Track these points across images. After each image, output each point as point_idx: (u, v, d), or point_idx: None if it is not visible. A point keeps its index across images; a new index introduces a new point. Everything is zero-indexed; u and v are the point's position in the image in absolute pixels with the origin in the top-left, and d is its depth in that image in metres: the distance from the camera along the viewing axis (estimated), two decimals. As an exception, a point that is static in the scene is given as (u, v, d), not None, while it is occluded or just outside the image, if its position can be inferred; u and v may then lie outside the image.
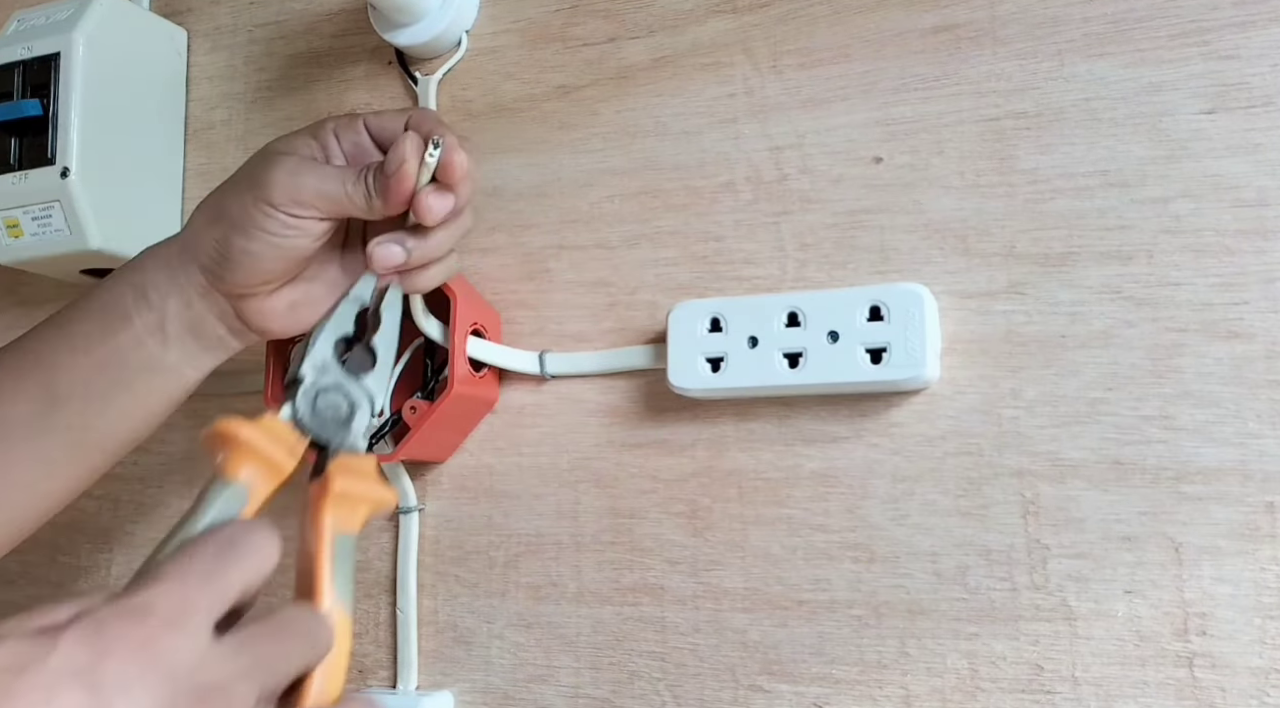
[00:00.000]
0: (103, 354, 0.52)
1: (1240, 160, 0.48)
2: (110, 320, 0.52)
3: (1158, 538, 0.48)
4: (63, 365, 0.52)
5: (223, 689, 0.32)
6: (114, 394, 0.52)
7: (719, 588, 0.55)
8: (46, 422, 0.52)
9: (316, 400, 0.43)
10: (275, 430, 0.40)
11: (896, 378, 0.51)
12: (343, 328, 0.44)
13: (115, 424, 0.53)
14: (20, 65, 0.66)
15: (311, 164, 0.50)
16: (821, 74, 0.57)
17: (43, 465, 0.52)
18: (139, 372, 0.52)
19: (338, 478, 0.41)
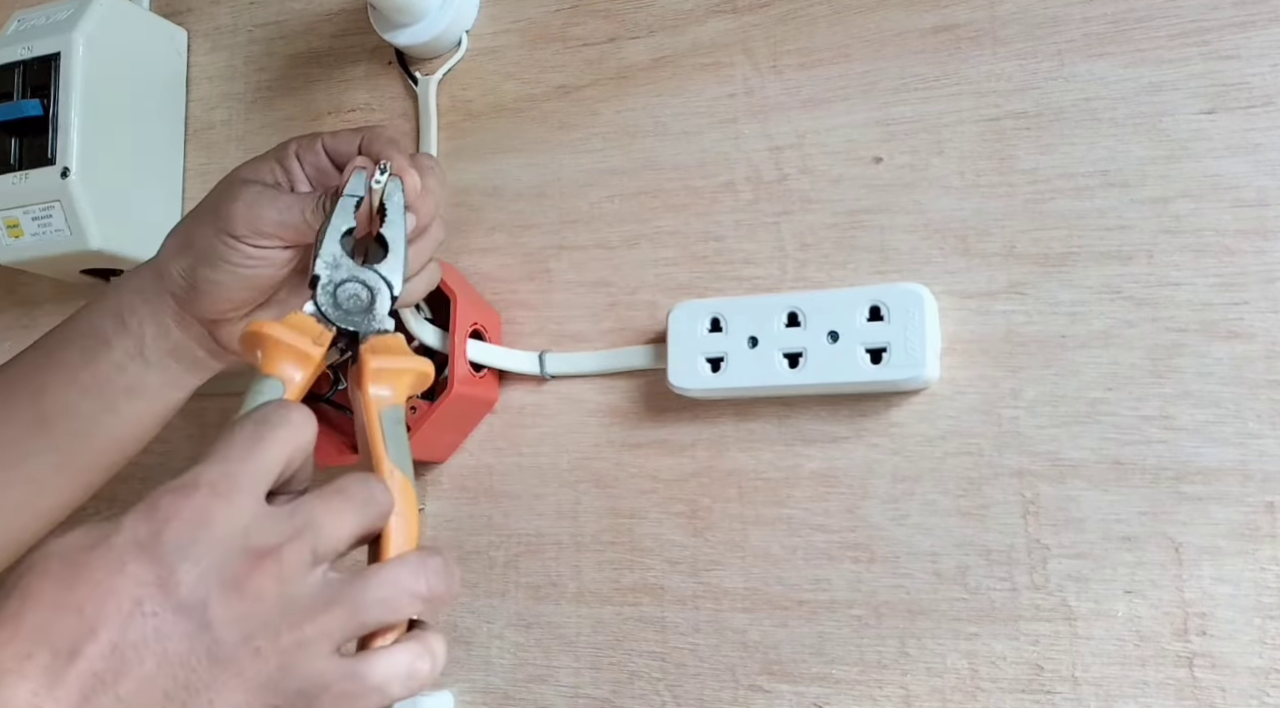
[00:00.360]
0: (86, 379, 0.52)
1: (1240, 160, 0.48)
2: (92, 346, 0.52)
3: (1158, 538, 0.48)
4: (49, 390, 0.53)
5: (275, 551, 0.34)
6: (100, 417, 0.53)
7: (719, 588, 0.55)
8: (35, 444, 0.53)
9: (336, 293, 0.44)
10: (301, 324, 0.42)
11: (896, 378, 0.51)
12: (345, 223, 0.46)
13: (103, 445, 0.54)
14: (20, 65, 0.66)
15: (271, 194, 0.50)
16: (821, 74, 0.57)
17: (33, 486, 0.54)
18: (122, 395, 0.53)
19: (370, 358, 0.43)
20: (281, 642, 0.34)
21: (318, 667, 0.34)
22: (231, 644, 0.33)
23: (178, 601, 0.32)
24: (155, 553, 0.33)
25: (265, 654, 0.33)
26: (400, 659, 0.36)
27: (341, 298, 0.44)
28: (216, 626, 0.33)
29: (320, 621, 0.35)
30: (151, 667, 0.32)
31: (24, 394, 0.53)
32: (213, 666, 0.33)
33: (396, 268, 0.46)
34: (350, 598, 0.35)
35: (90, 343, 0.52)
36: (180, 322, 0.52)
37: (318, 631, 0.34)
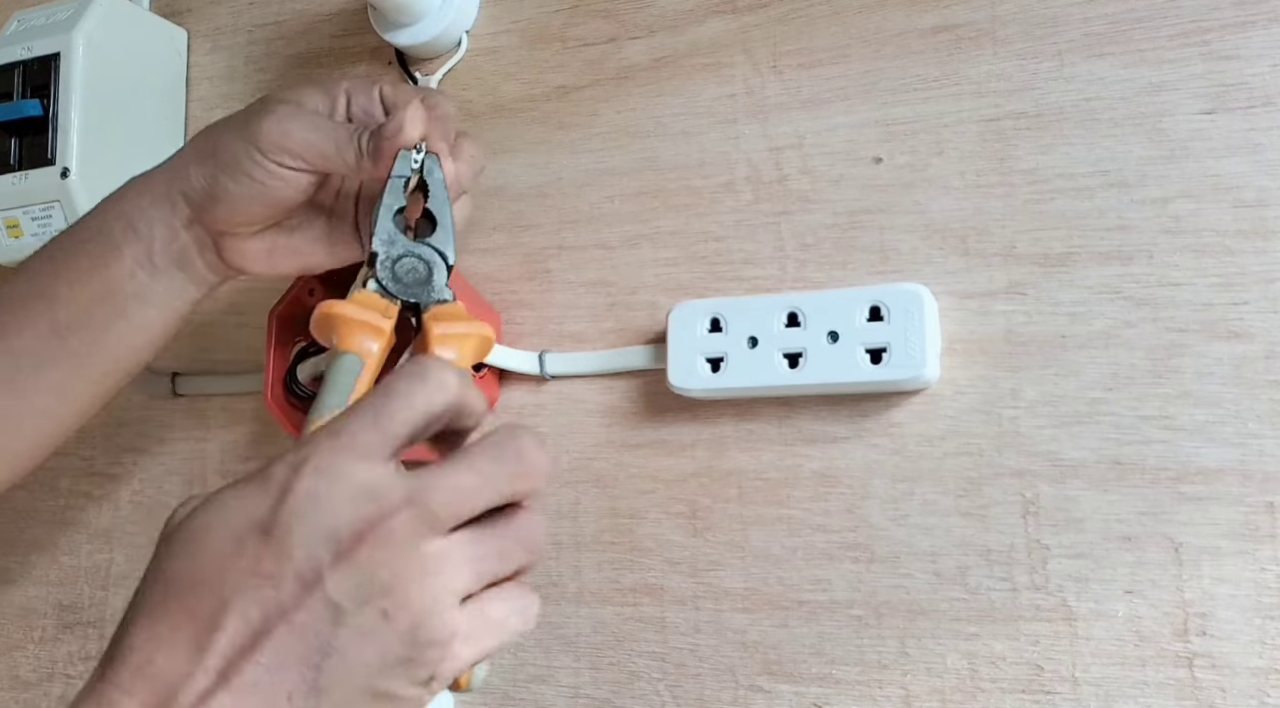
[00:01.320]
0: (98, 286, 0.52)
1: (1240, 160, 0.48)
2: (102, 252, 0.52)
3: (1158, 538, 0.48)
4: (62, 298, 0.53)
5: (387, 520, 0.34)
6: (113, 323, 0.53)
7: (719, 588, 0.55)
8: (54, 351, 0.53)
9: (395, 268, 0.46)
10: (367, 301, 0.44)
11: (896, 378, 0.51)
12: (396, 202, 0.47)
13: (119, 351, 0.54)
14: (20, 65, 0.66)
15: (307, 115, 0.50)
16: (821, 74, 0.57)
17: (55, 393, 0.54)
18: (133, 301, 0.53)
19: (434, 324, 0.44)
20: (409, 603, 0.34)
21: (447, 618, 0.35)
22: (354, 611, 0.34)
23: (297, 573, 0.33)
24: (270, 530, 0.34)
25: (393, 616, 0.34)
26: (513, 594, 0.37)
27: (400, 272, 0.46)
28: (335, 595, 0.34)
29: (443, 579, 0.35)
30: (282, 633, 0.33)
31: (39, 302, 0.53)
32: (340, 630, 0.34)
33: (447, 240, 0.48)
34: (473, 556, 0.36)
35: (100, 249, 0.52)
36: (189, 227, 0.52)
37: (442, 588, 0.35)
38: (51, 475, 0.75)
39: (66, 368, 0.53)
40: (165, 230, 0.52)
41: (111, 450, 0.73)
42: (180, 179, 0.52)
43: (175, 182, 0.52)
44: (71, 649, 0.72)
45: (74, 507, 0.73)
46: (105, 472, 0.73)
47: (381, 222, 0.46)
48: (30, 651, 0.73)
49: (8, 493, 0.76)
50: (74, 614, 0.72)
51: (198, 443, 0.70)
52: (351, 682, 0.34)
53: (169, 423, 0.71)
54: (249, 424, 0.69)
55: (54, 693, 0.72)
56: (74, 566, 0.73)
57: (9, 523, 0.76)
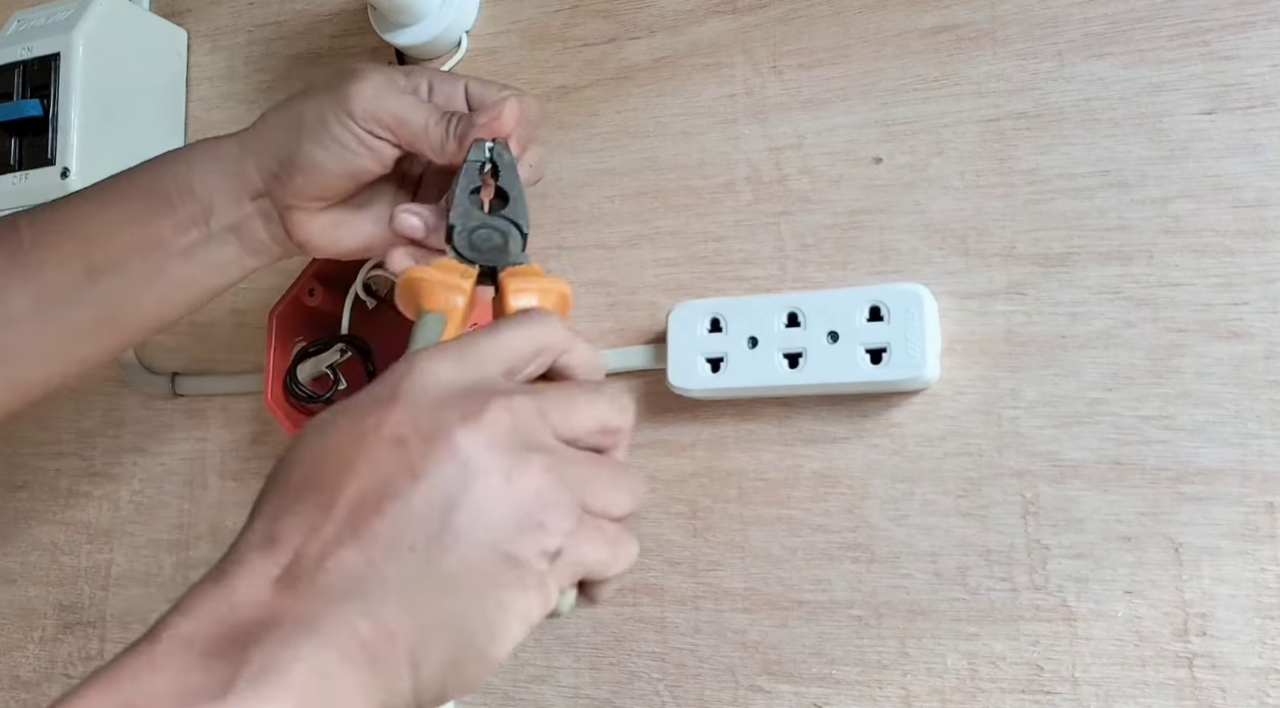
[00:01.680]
0: (142, 236, 0.52)
1: (1240, 160, 0.48)
2: (152, 203, 0.52)
3: (1158, 538, 0.48)
4: (99, 239, 0.52)
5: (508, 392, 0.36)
6: (153, 278, 0.52)
7: (719, 588, 0.55)
8: (82, 294, 0.52)
9: (471, 237, 0.48)
10: (446, 267, 0.46)
11: (896, 378, 0.51)
12: (472, 183, 0.49)
13: (148, 307, 0.53)
14: (20, 65, 0.66)
15: (398, 89, 0.51)
16: (821, 74, 0.57)
17: (71, 334, 0.53)
18: (177, 257, 0.52)
19: (510, 280, 0.46)
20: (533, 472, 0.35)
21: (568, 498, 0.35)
22: (481, 467, 0.34)
23: (422, 432, 0.34)
24: (396, 397, 0.35)
25: (515, 478, 0.34)
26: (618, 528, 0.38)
27: (477, 241, 0.47)
28: (463, 450, 0.34)
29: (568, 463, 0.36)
30: (406, 488, 0.33)
31: (73, 240, 0.52)
32: (465, 486, 0.34)
33: (520, 211, 0.49)
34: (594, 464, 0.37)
35: (150, 200, 0.52)
36: (256, 197, 0.52)
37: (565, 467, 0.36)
38: (51, 476, 0.75)
39: (90, 313, 0.52)
40: (227, 199, 0.52)
41: (111, 450, 0.73)
42: (256, 150, 0.51)
43: (249, 152, 0.52)
44: (71, 649, 0.72)
45: (74, 507, 0.73)
46: (105, 472, 0.73)
47: (459, 199, 0.48)
48: (30, 651, 0.73)
49: (8, 493, 0.76)
50: (74, 614, 0.72)
51: (198, 443, 0.70)
52: (477, 538, 0.33)
53: (169, 423, 0.71)
54: (249, 424, 0.69)
55: (54, 693, 0.72)
56: (74, 566, 0.73)
57: (9, 523, 0.76)
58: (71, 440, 0.74)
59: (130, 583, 0.71)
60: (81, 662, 0.71)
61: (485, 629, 0.34)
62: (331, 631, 0.31)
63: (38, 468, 0.75)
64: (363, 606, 0.32)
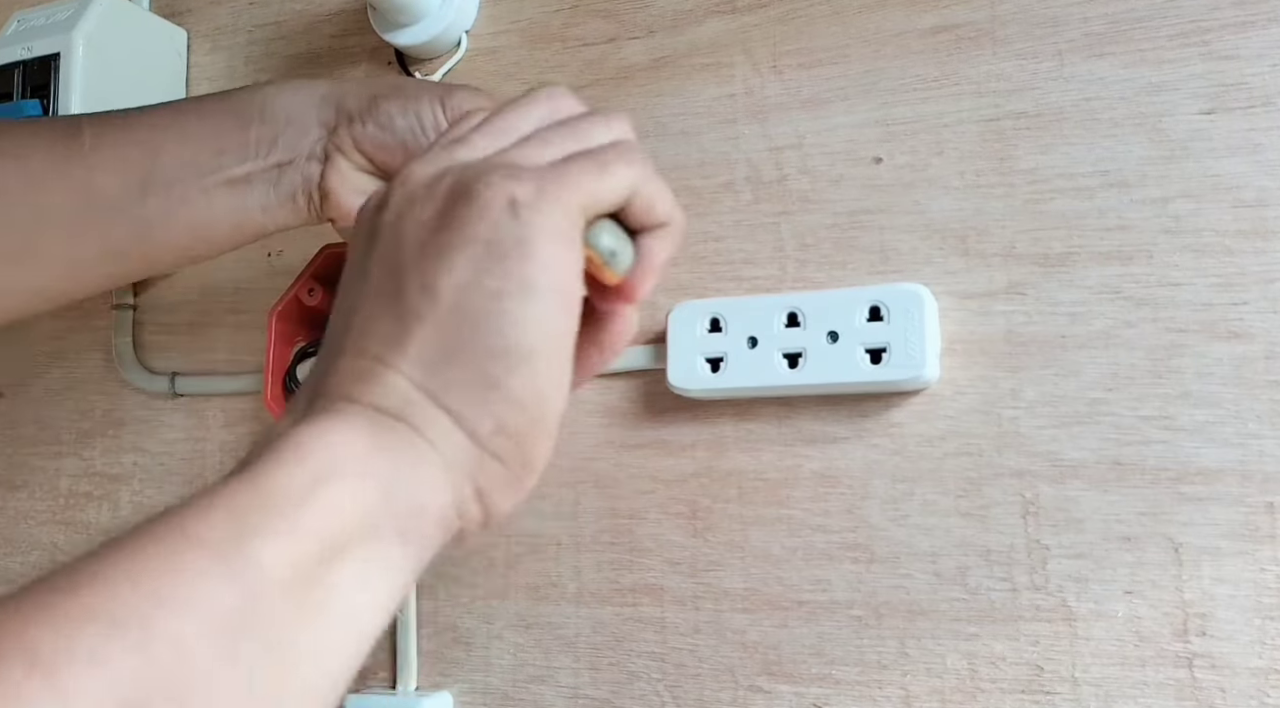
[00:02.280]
0: (203, 154, 0.51)
1: (1240, 160, 0.48)
2: (227, 119, 0.52)
3: (1158, 538, 0.48)
4: (167, 152, 0.51)
5: None
6: (195, 201, 0.52)
7: (719, 588, 0.55)
8: (130, 207, 0.51)
9: None
10: None
11: (896, 378, 0.51)
12: None
13: (179, 235, 0.53)
14: (20, 65, 0.66)
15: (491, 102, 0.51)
16: (821, 74, 0.57)
17: (106, 250, 0.52)
18: (224, 189, 0.52)
19: None
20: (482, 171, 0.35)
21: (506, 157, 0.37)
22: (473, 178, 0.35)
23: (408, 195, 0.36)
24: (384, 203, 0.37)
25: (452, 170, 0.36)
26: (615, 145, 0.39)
27: None
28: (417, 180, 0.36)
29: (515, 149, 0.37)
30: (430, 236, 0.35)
31: (140, 150, 0.51)
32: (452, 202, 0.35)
33: None
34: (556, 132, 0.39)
35: (229, 117, 0.52)
36: (317, 143, 0.52)
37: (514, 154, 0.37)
38: (51, 476, 0.75)
39: (134, 229, 0.52)
40: (296, 127, 0.52)
41: (111, 450, 0.73)
42: (342, 94, 0.52)
43: (334, 92, 0.52)
44: (71, 649, 0.72)
45: (74, 507, 0.73)
46: (105, 472, 0.73)
47: None
48: (30, 651, 0.73)
49: (8, 493, 0.76)
50: (74, 614, 0.72)
51: (198, 443, 0.70)
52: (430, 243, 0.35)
53: (169, 423, 0.71)
54: (249, 424, 0.69)
55: (54, 693, 0.72)
56: (74, 566, 0.73)
57: (9, 523, 0.76)
58: (71, 440, 0.74)
59: (130, 583, 0.71)
60: (81, 662, 0.71)
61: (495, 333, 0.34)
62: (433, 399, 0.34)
63: (38, 468, 0.75)
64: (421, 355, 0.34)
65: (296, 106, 0.52)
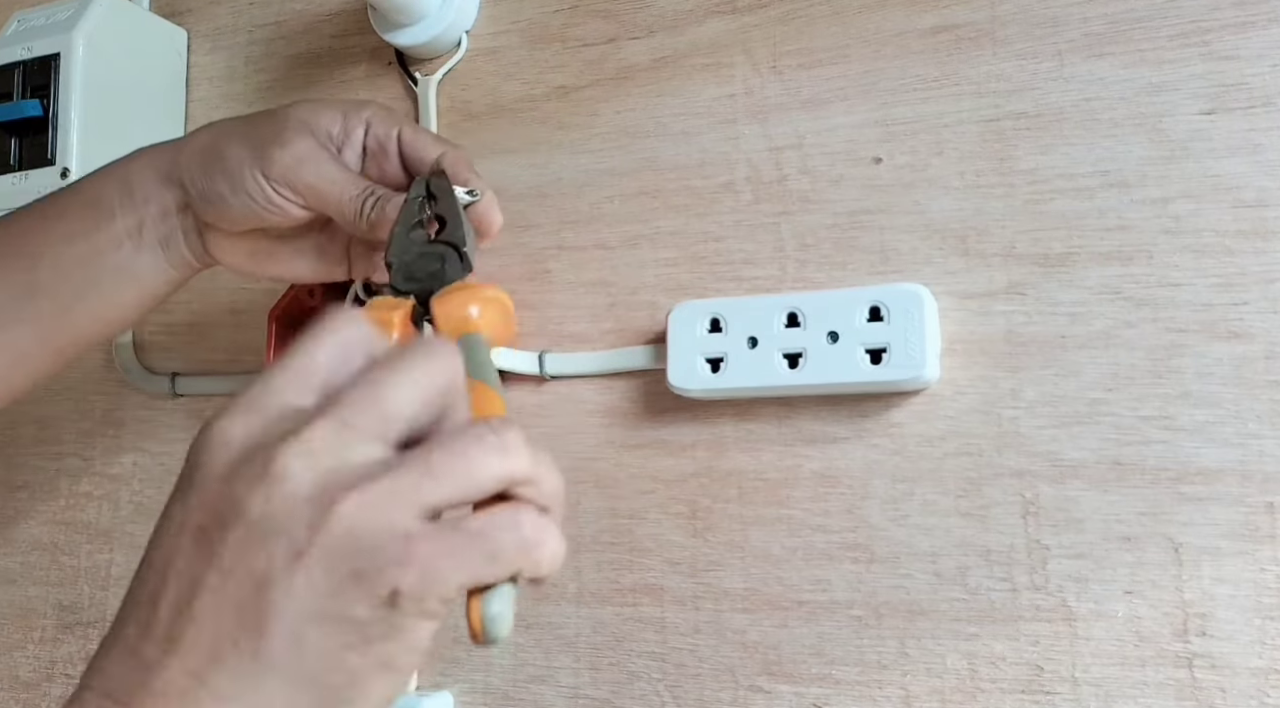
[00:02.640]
0: (84, 250, 0.52)
1: (1240, 161, 0.48)
2: (95, 215, 0.52)
3: (1158, 538, 0.48)
4: (46, 256, 0.52)
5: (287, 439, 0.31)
6: (88, 291, 0.53)
7: (719, 588, 0.55)
8: (22, 312, 0.52)
9: (408, 269, 0.47)
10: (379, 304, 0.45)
11: (896, 378, 0.51)
12: (411, 219, 0.48)
13: (85, 322, 0.54)
14: (20, 65, 0.66)
15: (320, 157, 0.50)
16: (821, 74, 0.57)
17: (12, 358, 0.53)
18: (113, 272, 0.53)
19: (437, 305, 0.45)
20: (340, 506, 0.30)
21: (391, 518, 0.30)
22: (279, 530, 0.30)
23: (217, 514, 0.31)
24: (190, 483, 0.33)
25: (323, 524, 0.30)
26: (508, 512, 0.32)
27: (414, 269, 0.47)
28: (258, 520, 0.30)
29: (379, 483, 0.31)
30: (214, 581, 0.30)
31: (19, 258, 0.52)
32: (270, 557, 0.30)
33: (456, 232, 0.48)
34: (419, 461, 0.31)
35: (93, 211, 0.52)
36: (182, 209, 0.52)
37: (383, 489, 0.31)
38: (51, 476, 0.75)
39: (30, 331, 0.53)
40: (158, 207, 0.52)
41: (111, 450, 0.73)
42: (183, 165, 0.52)
43: (178, 164, 0.52)
44: (71, 649, 0.72)
45: (74, 507, 0.73)
46: (105, 472, 0.73)
47: (396, 237, 0.47)
48: (30, 651, 0.73)
49: (8, 493, 0.76)
50: (74, 614, 0.72)
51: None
52: (298, 610, 0.30)
53: (169, 423, 0.71)
54: (249, 424, 0.69)
55: (54, 693, 0.72)
56: (74, 566, 0.73)
57: (9, 523, 0.76)
58: (71, 440, 0.74)
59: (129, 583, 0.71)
60: (81, 662, 0.71)
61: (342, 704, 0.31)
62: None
63: (38, 468, 0.75)
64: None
65: (152, 187, 0.52)
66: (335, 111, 0.52)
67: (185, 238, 0.53)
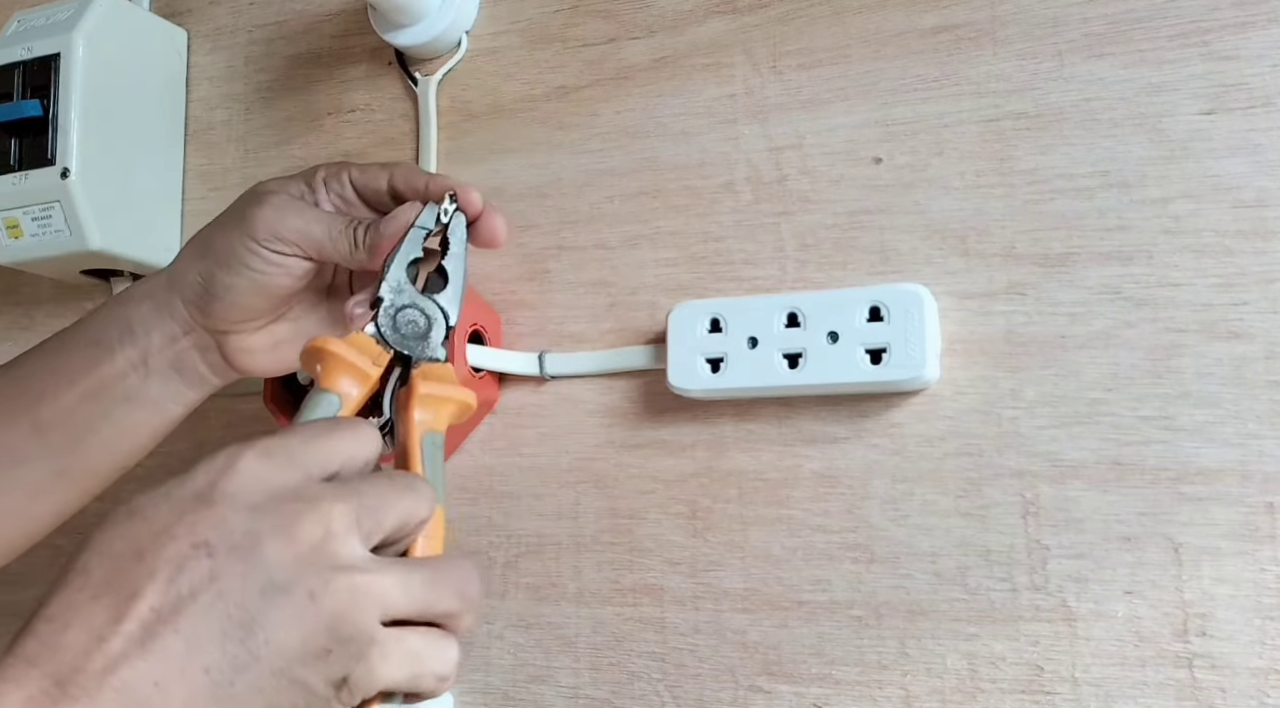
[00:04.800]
0: (87, 386, 0.52)
1: (1240, 161, 0.48)
2: (95, 353, 0.52)
3: (1158, 538, 0.48)
4: (48, 395, 0.52)
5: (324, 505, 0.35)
6: (98, 424, 0.53)
7: (719, 589, 0.55)
8: (32, 450, 0.53)
9: (396, 318, 0.46)
10: (361, 345, 0.44)
11: (896, 378, 0.51)
12: (413, 253, 0.47)
13: (99, 453, 0.54)
14: (20, 66, 0.66)
15: (298, 204, 0.51)
16: (821, 74, 0.57)
17: (28, 492, 0.54)
18: (121, 403, 0.53)
19: (421, 383, 0.44)
20: (337, 591, 0.34)
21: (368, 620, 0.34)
22: (285, 585, 0.33)
23: (231, 542, 0.33)
24: (211, 500, 0.34)
25: (320, 600, 0.34)
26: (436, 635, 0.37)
27: (400, 322, 0.46)
28: (270, 566, 0.33)
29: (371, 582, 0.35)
30: (207, 602, 0.32)
31: (23, 399, 0.53)
32: (267, 605, 0.33)
33: (454, 300, 0.47)
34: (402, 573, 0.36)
35: (94, 350, 0.52)
36: (189, 331, 0.52)
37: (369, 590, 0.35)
38: (52, 476, 0.75)
39: (44, 467, 0.53)
40: (162, 335, 0.52)
41: (111, 451, 0.73)
42: (177, 285, 0.52)
43: (173, 287, 0.52)
44: (72, 649, 0.72)
45: (74, 507, 0.73)
46: (105, 472, 0.73)
47: (394, 270, 0.46)
48: (30, 651, 0.73)
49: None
50: (74, 614, 0.72)
51: (198, 443, 0.70)
52: (271, 663, 0.33)
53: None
54: (249, 424, 0.69)
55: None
56: (74, 566, 0.73)
57: (9, 523, 0.76)
58: (71, 441, 0.74)
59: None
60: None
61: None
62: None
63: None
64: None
65: (152, 319, 0.52)
66: (294, 177, 0.52)
67: (202, 357, 0.53)
